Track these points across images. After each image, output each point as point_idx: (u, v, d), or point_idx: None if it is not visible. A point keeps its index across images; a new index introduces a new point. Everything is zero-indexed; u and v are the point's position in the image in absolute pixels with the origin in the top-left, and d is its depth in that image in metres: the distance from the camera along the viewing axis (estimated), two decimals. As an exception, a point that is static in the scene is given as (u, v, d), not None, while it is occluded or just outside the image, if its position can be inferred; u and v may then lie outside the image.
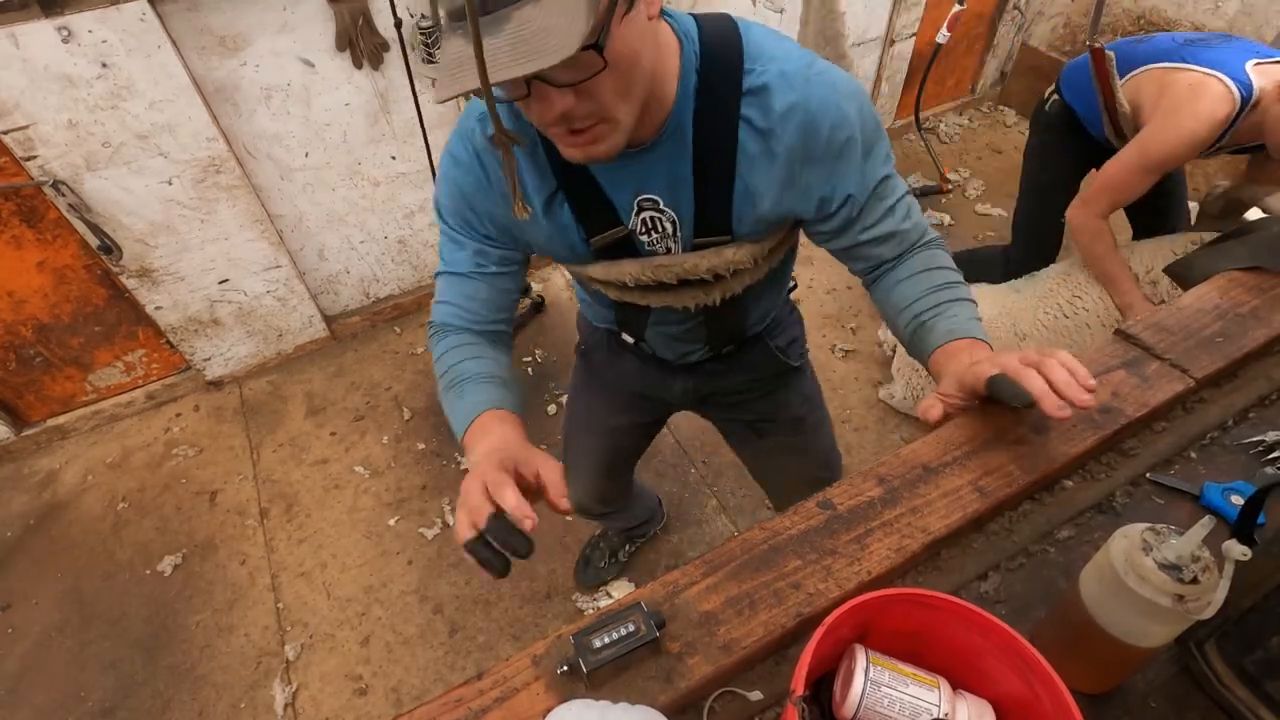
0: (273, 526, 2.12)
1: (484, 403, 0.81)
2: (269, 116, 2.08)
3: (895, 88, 3.40)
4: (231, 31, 1.90)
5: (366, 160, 2.32)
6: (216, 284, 2.28)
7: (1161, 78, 1.66)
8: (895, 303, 0.89)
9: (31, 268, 2.03)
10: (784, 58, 0.75)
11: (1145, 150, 1.66)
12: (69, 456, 2.33)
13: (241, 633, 1.88)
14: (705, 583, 0.68)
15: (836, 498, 0.74)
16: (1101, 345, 0.90)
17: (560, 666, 0.62)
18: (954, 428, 0.80)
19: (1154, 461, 0.80)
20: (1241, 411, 0.86)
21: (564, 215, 0.83)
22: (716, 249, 0.85)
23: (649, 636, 0.61)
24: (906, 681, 0.55)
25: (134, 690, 1.79)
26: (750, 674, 0.65)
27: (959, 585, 0.71)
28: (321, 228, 2.41)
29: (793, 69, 0.74)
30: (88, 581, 2.01)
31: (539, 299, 2.74)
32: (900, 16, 3.08)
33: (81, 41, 1.70)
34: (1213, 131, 1.59)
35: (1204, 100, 1.57)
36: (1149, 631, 0.54)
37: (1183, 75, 1.62)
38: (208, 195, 2.08)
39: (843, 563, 0.68)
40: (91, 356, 2.29)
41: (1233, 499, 0.74)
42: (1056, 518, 0.76)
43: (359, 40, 2.04)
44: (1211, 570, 0.52)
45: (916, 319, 0.86)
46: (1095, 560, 0.58)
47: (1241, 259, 1.02)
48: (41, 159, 1.82)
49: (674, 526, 2.07)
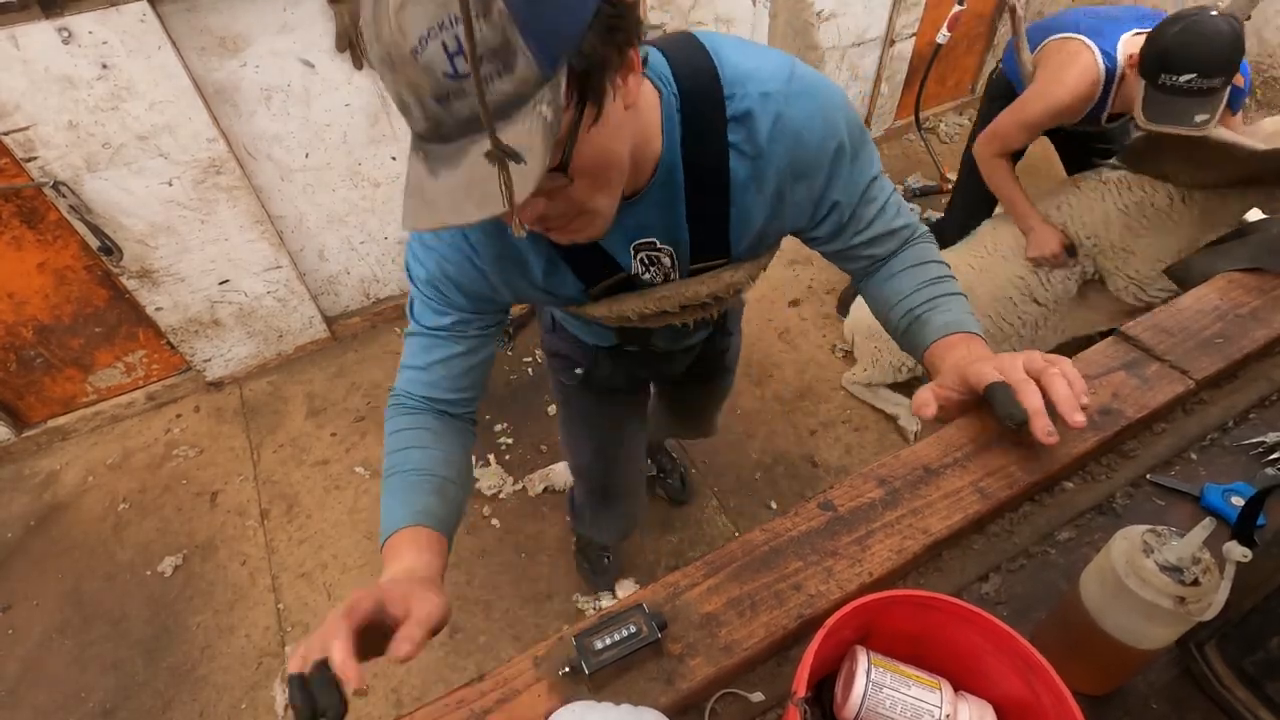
0: (273, 527, 2.12)
1: (406, 517, 0.75)
2: (269, 117, 2.08)
3: (895, 87, 3.40)
4: (231, 32, 1.90)
5: (367, 161, 2.32)
6: (217, 285, 2.28)
7: (1057, 46, 1.78)
8: (887, 298, 0.89)
9: (32, 269, 2.03)
10: (761, 76, 0.73)
11: (1023, 109, 1.81)
12: (69, 457, 2.34)
13: (242, 633, 1.88)
14: (706, 584, 0.68)
15: (837, 499, 0.74)
16: (1101, 346, 0.90)
17: (562, 668, 0.62)
18: (955, 429, 0.80)
19: (1154, 463, 0.80)
20: (1241, 413, 0.86)
21: (561, 274, 0.81)
22: (715, 273, 0.85)
23: (650, 638, 0.62)
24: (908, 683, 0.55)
25: (135, 691, 1.79)
26: (752, 675, 0.65)
27: (960, 586, 0.71)
28: (322, 228, 2.41)
29: (773, 88, 0.72)
30: (88, 582, 2.01)
31: (539, 299, 2.73)
32: (900, 16, 3.08)
33: (82, 42, 1.70)
34: (1078, 99, 1.71)
35: (1072, 70, 1.70)
36: (1150, 633, 0.54)
37: (1070, 44, 1.74)
38: (208, 196, 2.08)
39: (844, 564, 0.68)
40: (92, 357, 2.29)
41: (1233, 500, 0.74)
42: (1057, 519, 0.76)
43: (359, 41, 2.04)
44: (1212, 572, 0.52)
45: (910, 313, 0.86)
46: (1096, 562, 0.58)
47: (1241, 260, 1.02)
48: (42, 160, 1.82)
49: (674, 527, 2.07)
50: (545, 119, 0.51)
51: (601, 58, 0.55)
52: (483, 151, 0.49)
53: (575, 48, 0.52)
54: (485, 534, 2.03)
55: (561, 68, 0.52)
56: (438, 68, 0.49)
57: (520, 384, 2.48)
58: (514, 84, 0.50)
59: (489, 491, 2.15)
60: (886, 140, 3.62)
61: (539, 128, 0.51)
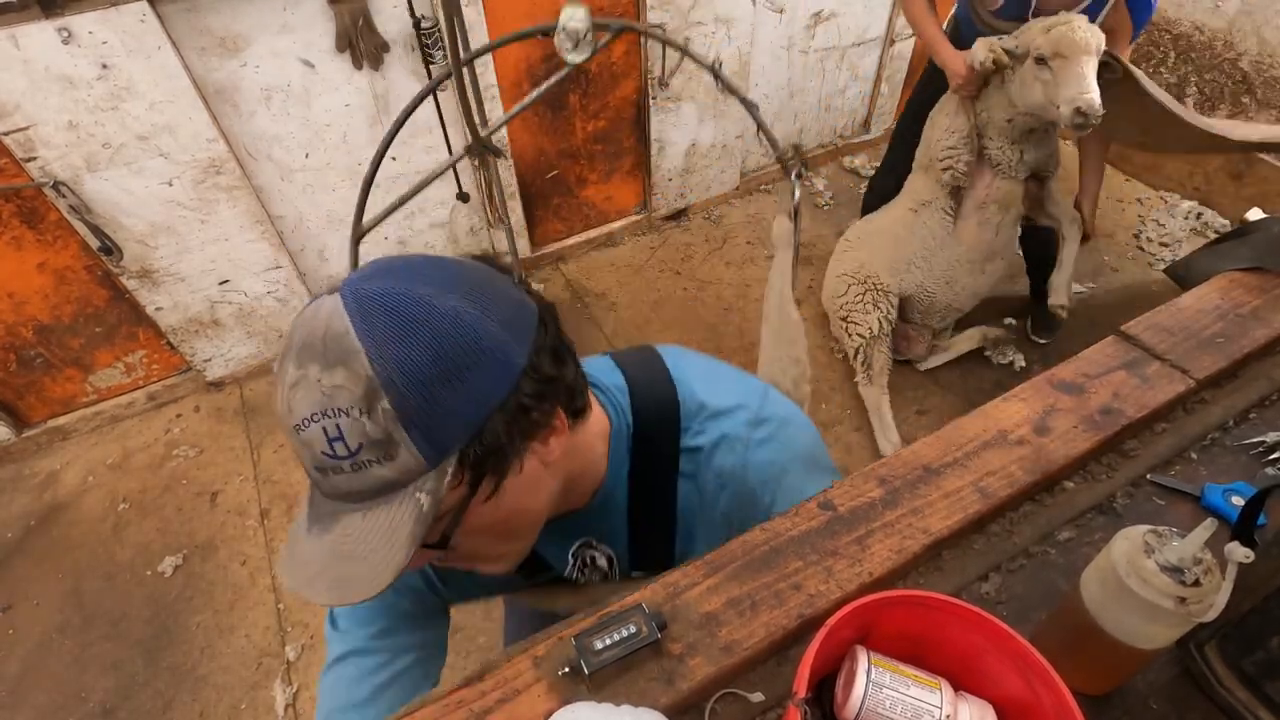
0: (273, 527, 2.12)
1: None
2: (269, 117, 2.08)
3: (895, 87, 3.40)
4: (231, 32, 1.90)
5: (367, 161, 2.31)
6: (217, 285, 2.28)
7: None
8: None
9: (32, 269, 2.03)
10: (726, 415, 0.70)
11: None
12: (70, 457, 2.34)
13: (242, 633, 1.88)
14: (706, 584, 0.68)
15: (837, 499, 0.74)
16: (1101, 346, 0.90)
17: (561, 668, 0.62)
18: (955, 429, 0.80)
19: (1154, 462, 0.80)
20: (1242, 412, 0.86)
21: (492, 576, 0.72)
22: (658, 577, 0.73)
23: (650, 638, 0.61)
24: (908, 683, 0.55)
25: (135, 691, 1.79)
26: (752, 675, 0.65)
27: (960, 586, 0.71)
28: (322, 228, 2.41)
29: (735, 432, 0.69)
30: (89, 582, 2.01)
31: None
32: (900, 16, 3.08)
33: (82, 42, 1.70)
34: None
35: None
36: (1150, 633, 0.54)
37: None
38: (208, 196, 2.08)
39: (844, 564, 0.68)
40: (92, 357, 2.29)
41: (1233, 500, 0.74)
42: (1057, 519, 0.76)
43: (359, 41, 2.04)
44: (1213, 573, 0.52)
45: None
46: (1096, 562, 0.58)
47: (1242, 259, 1.02)
48: (42, 160, 1.82)
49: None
50: (421, 506, 0.50)
51: (506, 440, 0.53)
52: (351, 524, 0.50)
53: (472, 437, 0.51)
54: (485, 534, 2.03)
55: (451, 456, 0.51)
56: (317, 447, 0.49)
57: (520, 384, 2.48)
58: (395, 471, 0.49)
59: (489, 491, 2.15)
60: (886, 140, 3.61)
61: (409, 515, 0.50)
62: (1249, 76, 2.84)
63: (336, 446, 0.48)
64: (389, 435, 0.48)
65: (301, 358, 0.49)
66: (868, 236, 2.38)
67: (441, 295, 0.50)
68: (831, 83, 3.21)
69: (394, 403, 0.47)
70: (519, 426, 0.54)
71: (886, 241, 2.28)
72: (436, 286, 0.51)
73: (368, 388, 0.47)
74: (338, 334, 0.48)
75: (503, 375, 0.52)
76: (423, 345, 0.48)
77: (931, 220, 2.16)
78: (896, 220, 2.27)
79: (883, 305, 2.25)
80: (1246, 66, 2.83)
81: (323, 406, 0.48)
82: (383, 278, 0.50)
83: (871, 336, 2.25)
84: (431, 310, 0.49)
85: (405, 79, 2.20)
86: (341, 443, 0.48)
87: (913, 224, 2.21)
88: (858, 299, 2.29)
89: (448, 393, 0.49)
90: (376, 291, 0.49)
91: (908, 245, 2.22)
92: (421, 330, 0.48)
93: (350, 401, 0.47)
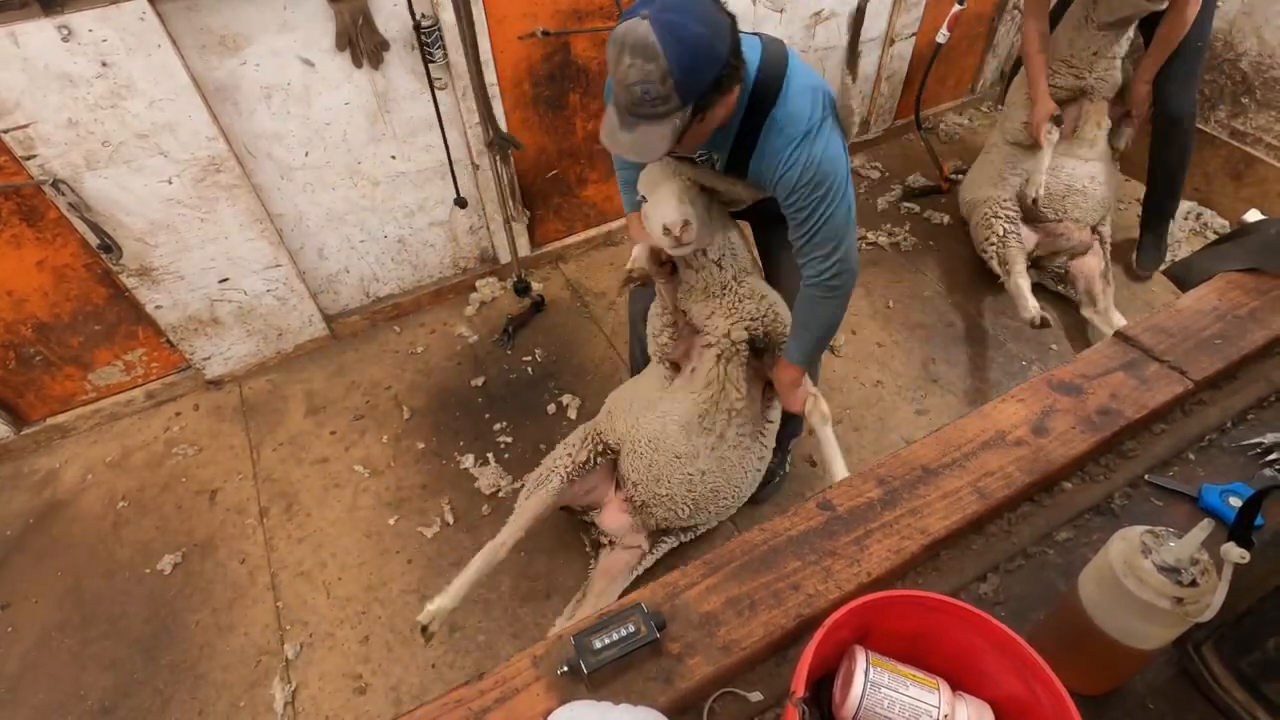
0: (272, 525, 2.12)
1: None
2: (269, 116, 2.08)
3: (895, 87, 3.40)
4: (231, 31, 1.90)
5: (366, 159, 2.32)
6: (216, 283, 2.28)
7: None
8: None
9: (31, 267, 2.03)
10: (802, 106, 1.26)
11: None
12: (69, 455, 2.33)
13: (241, 631, 1.89)
14: (705, 584, 0.68)
15: (836, 499, 0.74)
16: (1101, 347, 0.91)
17: (560, 667, 0.62)
18: (954, 429, 0.80)
19: (1152, 463, 0.81)
20: (1240, 413, 0.86)
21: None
22: (730, 179, 1.43)
23: (649, 637, 0.62)
24: (906, 683, 0.55)
25: (134, 689, 1.79)
26: (750, 675, 0.65)
27: (958, 587, 0.71)
28: (321, 227, 2.40)
29: (795, 131, 1.26)
30: (88, 580, 2.01)
31: (539, 298, 2.73)
32: (900, 16, 3.08)
33: (81, 40, 1.70)
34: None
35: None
36: (1147, 633, 0.55)
37: None
38: (208, 194, 2.08)
39: (842, 564, 0.68)
40: (91, 355, 2.29)
41: (1230, 501, 0.74)
42: (1055, 519, 0.76)
43: (359, 39, 2.04)
44: (1210, 573, 0.52)
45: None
46: (1094, 562, 0.58)
47: (1240, 261, 1.02)
48: (41, 158, 1.82)
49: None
50: (675, 126, 1.13)
51: (714, 95, 1.15)
52: (643, 129, 1.12)
53: (700, 96, 1.12)
54: (484, 533, 2.03)
55: (691, 104, 1.11)
56: (636, 95, 1.08)
57: (520, 384, 2.48)
58: (667, 108, 1.10)
59: (488, 490, 2.15)
60: (886, 140, 3.61)
61: (669, 131, 1.13)
62: (1249, 77, 2.84)
63: (645, 95, 1.07)
64: (670, 93, 1.07)
65: (633, 53, 1.05)
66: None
67: (695, 23, 1.06)
68: (831, 82, 3.21)
69: (674, 79, 1.06)
70: (720, 89, 1.15)
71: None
72: (692, 16, 1.06)
73: (663, 72, 1.05)
74: (649, 43, 1.04)
75: (718, 63, 1.10)
76: (689, 50, 1.06)
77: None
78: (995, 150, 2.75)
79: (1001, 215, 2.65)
80: (1246, 67, 2.83)
81: (641, 75, 1.06)
82: (671, 11, 1.06)
83: (999, 238, 2.61)
84: (690, 31, 1.06)
85: (405, 78, 2.19)
86: (648, 94, 1.07)
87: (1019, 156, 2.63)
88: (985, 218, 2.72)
89: (695, 76, 1.08)
90: (665, 21, 1.05)
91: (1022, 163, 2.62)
92: (686, 44, 1.05)
93: (656, 77, 1.05)
